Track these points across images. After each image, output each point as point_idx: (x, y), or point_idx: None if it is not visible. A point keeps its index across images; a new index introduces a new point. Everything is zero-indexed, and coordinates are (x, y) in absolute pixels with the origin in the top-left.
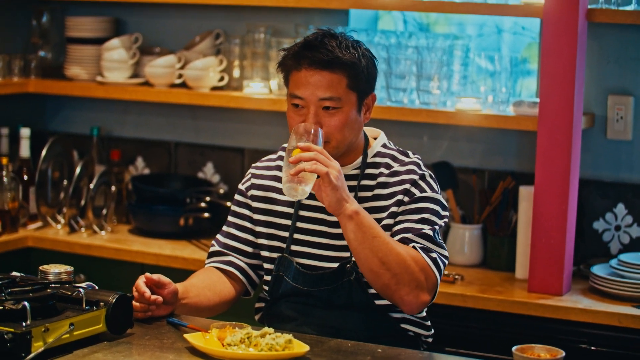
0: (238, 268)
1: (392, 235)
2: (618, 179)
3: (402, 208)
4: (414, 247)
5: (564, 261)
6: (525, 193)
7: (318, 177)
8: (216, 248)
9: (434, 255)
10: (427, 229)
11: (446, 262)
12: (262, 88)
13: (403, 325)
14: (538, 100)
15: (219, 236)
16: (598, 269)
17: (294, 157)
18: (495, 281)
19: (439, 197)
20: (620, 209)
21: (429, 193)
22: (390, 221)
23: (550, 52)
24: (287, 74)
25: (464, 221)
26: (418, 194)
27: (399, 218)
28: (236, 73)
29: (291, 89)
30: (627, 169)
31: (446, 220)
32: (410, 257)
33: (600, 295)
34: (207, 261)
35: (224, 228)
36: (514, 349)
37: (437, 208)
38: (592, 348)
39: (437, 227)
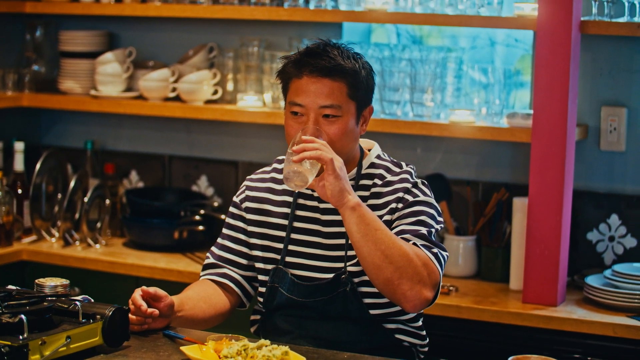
0: (233, 280)
1: None
2: (612, 189)
3: (396, 214)
4: (414, 244)
5: (558, 272)
6: (519, 204)
7: (318, 175)
8: (211, 260)
9: (435, 250)
10: (423, 230)
11: (446, 258)
12: (256, 101)
13: (398, 336)
14: (532, 112)
15: (213, 248)
16: (592, 280)
17: (298, 146)
18: (489, 292)
19: (433, 201)
20: (614, 219)
21: (422, 197)
22: None
23: (543, 64)
24: (286, 82)
25: (458, 233)
26: (411, 199)
27: (394, 224)
28: (230, 86)
29: (291, 96)
30: (620, 180)
31: (442, 225)
32: (413, 252)
33: (595, 305)
34: (201, 273)
35: (219, 240)
36: (510, 359)
37: (432, 211)
38: (587, 358)
39: (433, 229)
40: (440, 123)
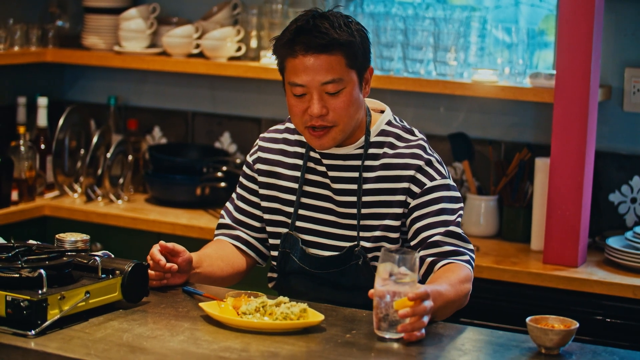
0: (245, 243)
1: (416, 234)
2: (634, 151)
3: (416, 201)
4: (451, 261)
5: (579, 233)
6: (541, 165)
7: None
8: (225, 221)
9: (467, 257)
10: (451, 227)
11: (474, 253)
12: None
13: None
14: (555, 72)
15: (228, 205)
16: (613, 241)
17: (402, 311)
18: (510, 252)
19: (449, 181)
20: (637, 181)
21: (439, 180)
22: (399, 210)
23: (567, 25)
24: (282, 61)
25: (480, 192)
26: (428, 183)
27: (416, 213)
28: (253, 43)
29: (289, 77)
30: None
31: (462, 205)
32: (462, 285)
33: (615, 267)
34: (216, 232)
35: (234, 197)
36: (528, 319)
37: (451, 194)
38: (607, 320)
39: (458, 218)
40: (463, 82)
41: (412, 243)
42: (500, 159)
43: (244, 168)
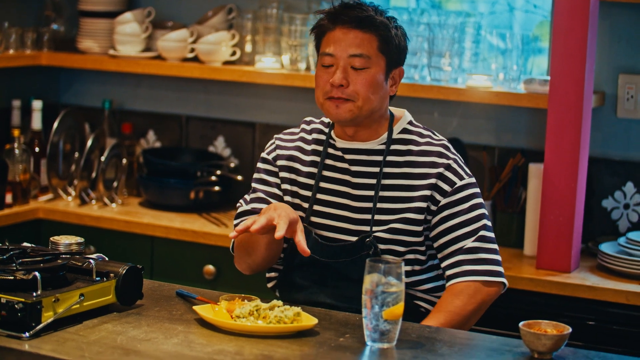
0: None
1: (444, 234)
2: (628, 157)
3: (447, 199)
4: (463, 280)
5: (572, 238)
6: (535, 170)
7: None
8: (246, 207)
9: (485, 267)
10: (482, 231)
11: (499, 258)
12: (274, 63)
13: (416, 302)
14: (549, 78)
15: (246, 197)
16: (606, 247)
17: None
18: (503, 257)
19: (474, 179)
20: (630, 187)
21: (468, 179)
22: (423, 204)
23: (561, 31)
24: (320, 37)
25: None
26: (458, 181)
27: (448, 211)
28: (248, 48)
29: (323, 47)
30: (636, 147)
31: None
32: (464, 307)
33: (608, 272)
34: (235, 222)
35: (252, 193)
36: (520, 324)
37: (478, 190)
38: (600, 325)
39: (487, 221)
40: (457, 87)
41: (442, 241)
42: (493, 164)
43: (263, 165)
